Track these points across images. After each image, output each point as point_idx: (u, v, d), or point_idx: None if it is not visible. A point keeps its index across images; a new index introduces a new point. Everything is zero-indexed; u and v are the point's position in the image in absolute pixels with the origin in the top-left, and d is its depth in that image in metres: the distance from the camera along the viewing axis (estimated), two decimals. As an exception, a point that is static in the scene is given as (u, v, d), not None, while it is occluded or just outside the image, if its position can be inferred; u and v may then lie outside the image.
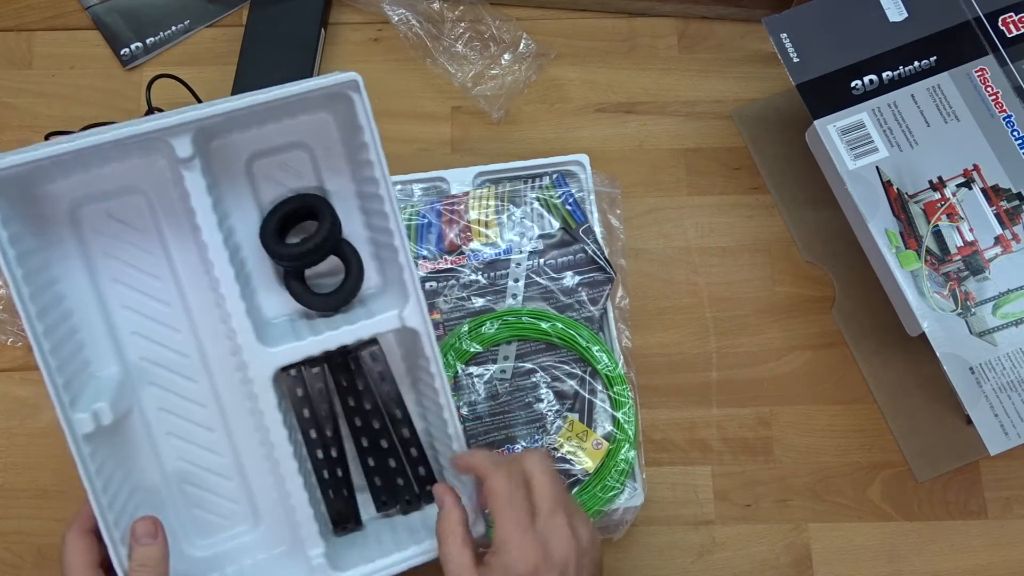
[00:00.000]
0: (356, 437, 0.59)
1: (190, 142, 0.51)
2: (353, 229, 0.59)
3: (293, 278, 0.57)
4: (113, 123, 0.70)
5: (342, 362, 0.58)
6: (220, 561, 0.57)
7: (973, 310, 0.60)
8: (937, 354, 0.60)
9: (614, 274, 0.68)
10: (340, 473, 0.58)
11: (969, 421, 0.59)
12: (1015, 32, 0.64)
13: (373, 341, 0.58)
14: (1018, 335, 0.60)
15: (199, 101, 0.72)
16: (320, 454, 0.57)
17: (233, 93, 0.72)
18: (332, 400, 0.58)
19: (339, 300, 0.57)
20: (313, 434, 0.57)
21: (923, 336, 0.60)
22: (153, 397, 0.57)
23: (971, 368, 0.60)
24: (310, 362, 0.57)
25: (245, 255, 0.57)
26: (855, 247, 0.66)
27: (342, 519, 0.58)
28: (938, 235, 0.62)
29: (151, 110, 0.69)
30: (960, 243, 0.61)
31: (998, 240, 0.61)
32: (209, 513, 0.58)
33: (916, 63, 0.64)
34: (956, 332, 0.60)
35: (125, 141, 0.50)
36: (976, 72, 0.64)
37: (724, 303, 0.71)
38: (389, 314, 0.55)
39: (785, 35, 0.65)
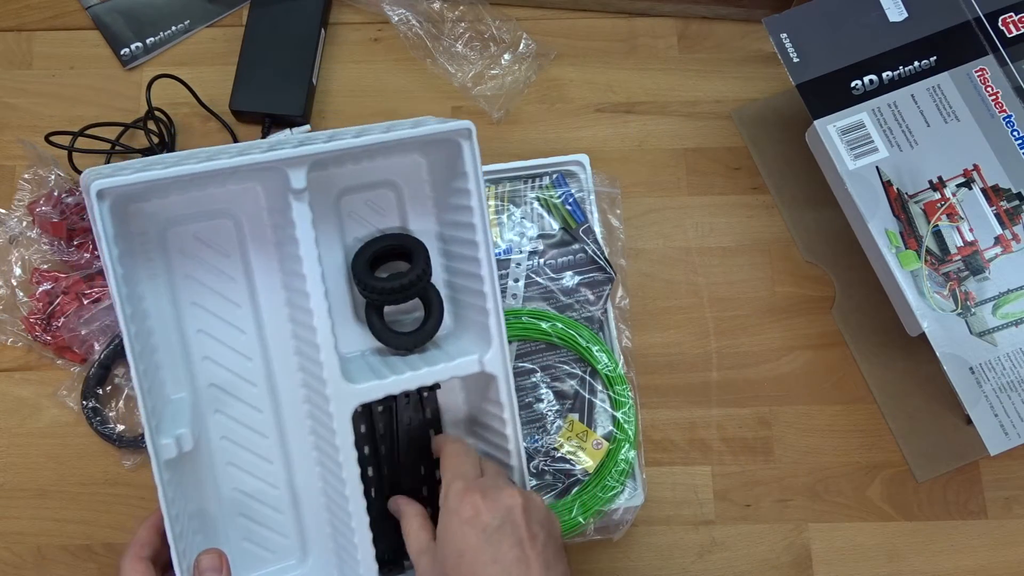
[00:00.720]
0: (393, 477, 0.59)
1: (305, 175, 0.51)
2: (434, 271, 0.59)
3: (375, 314, 0.57)
4: (113, 123, 0.71)
5: (405, 408, 0.58)
6: None
7: (973, 310, 0.60)
8: (937, 354, 0.60)
9: (614, 274, 0.68)
10: (387, 518, 0.57)
11: (969, 421, 0.59)
12: (1015, 32, 0.64)
13: (435, 385, 0.58)
14: (1018, 335, 0.60)
15: (199, 101, 0.72)
16: (373, 493, 0.57)
17: (233, 93, 0.72)
18: (395, 439, 0.58)
19: (418, 340, 0.57)
20: (371, 471, 0.57)
21: (923, 336, 0.60)
22: (218, 425, 0.56)
23: (971, 368, 0.60)
24: (379, 402, 0.57)
25: (329, 289, 0.57)
26: (855, 247, 0.66)
27: (388, 561, 0.58)
28: (938, 235, 0.62)
29: (151, 111, 0.69)
30: (960, 243, 0.61)
31: (998, 240, 0.61)
32: (258, 546, 0.57)
33: (916, 63, 0.64)
34: (956, 332, 0.60)
35: (245, 169, 0.50)
36: (976, 72, 0.64)
37: (724, 303, 0.71)
38: (469, 358, 0.55)
39: (785, 35, 0.65)
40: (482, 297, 0.55)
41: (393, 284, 0.55)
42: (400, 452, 0.58)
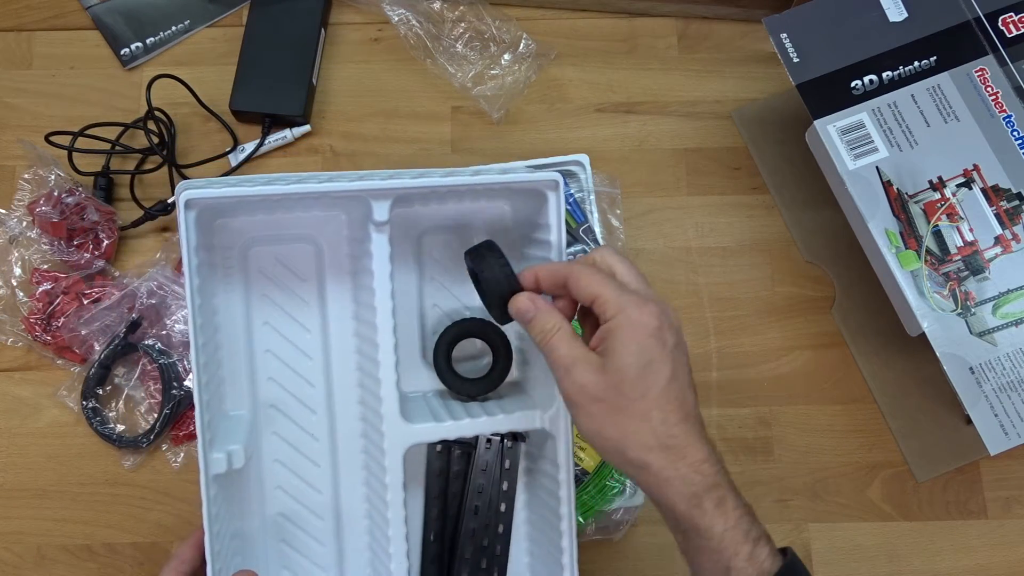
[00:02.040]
0: (466, 535, 0.57)
1: (388, 208, 0.51)
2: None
3: (444, 360, 0.57)
4: (113, 123, 0.71)
5: (486, 452, 0.57)
6: None
7: (973, 310, 0.60)
8: (937, 354, 0.60)
9: (614, 274, 0.68)
10: (447, 560, 0.56)
11: (969, 421, 0.59)
12: (1015, 32, 0.64)
13: (522, 435, 0.57)
14: (1018, 335, 0.60)
15: (199, 101, 0.72)
16: (432, 536, 0.56)
17: (233, 93, 0.72)
18: (466, 484, 0.57)
19: (482, 389, 0.57)
20: (435, 513, 0.56)
21: (923, 336, 0.60)
22: (272, 447, 0.56)
23: (971, 368, 0.60)
24: (458, 443, 0.56)
25: (397, 325, 0.56)
26: (855, 247, 0.66)
27: None
28: (938, 235, 0.62)
29: (151, 111, 0.69)
30: (960, 243, 0.61)
31: (998, 240, 0.61)
32: (295, 575, 0.57)
33: (916, 63, 0.64)
34: (956, 332, 0.60)
35: (330, 195, 0.50)
36: (976, 72, 0.64)
37: (724, 303, 0.71)
38: (530, 413, 0.54)
39: (785, 35, 0.65)
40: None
41: (473, 388, 0.56)
42: (469, 499, 0.57)
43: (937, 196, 0.62)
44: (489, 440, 0.56)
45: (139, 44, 0.75)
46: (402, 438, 0.53)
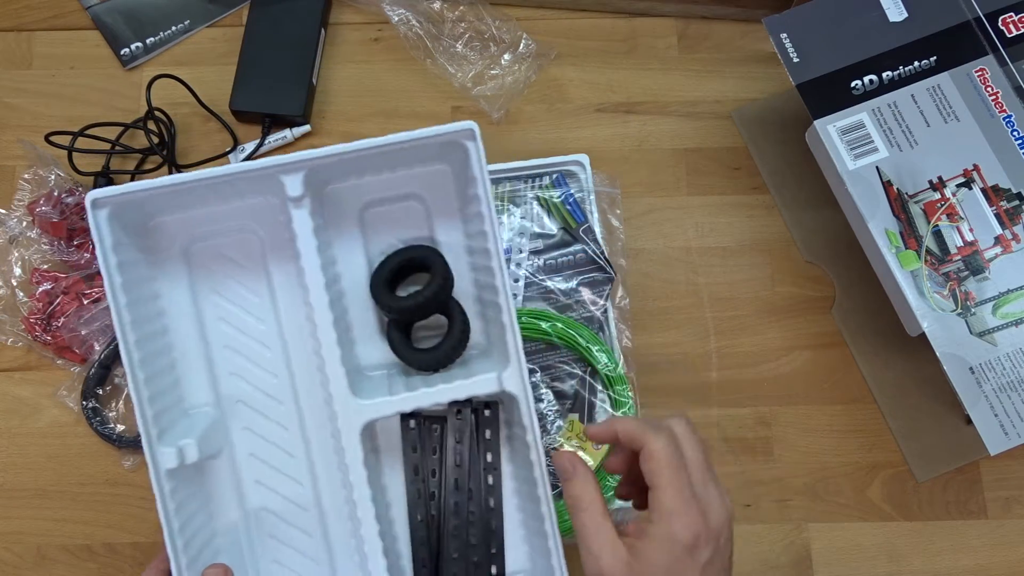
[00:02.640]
0: (448, 509, 0.56)
1: (301, 182, 0.50)
2: (462, 286, 0.57)
3: (396, 331, 0.56)
4: (113, 123, 0.71)
5: (458, 423, 0.56)
6: None
7: (973, 310, 0.60)
8: (937, 354, 0.60)
9: (614, 274, 0.68)
10: (435, 539, 0.55)
11: (969, 421, 0.59)
12: (1015, 32, 0.64)
13: (494, 403, 0.56)
14: (1018, 335, 0.60)
15: (199, 101, 0.72)
16: (419, 516, 0.55)
17: (233, 93, 0.72)
18: (444, 460, 0.56)
19: (437, 358, 0.55)
20: (415, 491, 0.55)
21: (923, 336, 0.60)
22: (245, 442, 0.56)
23: (971, 368, 0.60)
24: (431, 417, 0.55)
25: (349, 302, 0.56)
26: (855, 247, 0.66)
27: None
28: (938, 235, 0.62)
29: (151, 111, 0.69)
30: (960, 243, 0.61)
31: (998, 240, 0.61)
32: (289, 569, 0.56)
33: (916, 63, 0.64)
34: (956, 332, 0.60)
35: (237, 177, 0.50)
36: (976, 72, 0.64)
37: (724, 303, 0.71)
38: (488, 376, 0.52)
39: (785, 35, 0.65)
40: (498, 310, 0.52)
41: (408, 303, 0.54)
42: (447, 473, 0.55)
43: (937, 196, 0.62)
44: (459, 411, 0.55)
45: (139, 44, 0.75)
46: (355, 415, 0.52)
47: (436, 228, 0.57)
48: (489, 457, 0.56)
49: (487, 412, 0.56)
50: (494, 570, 0.55)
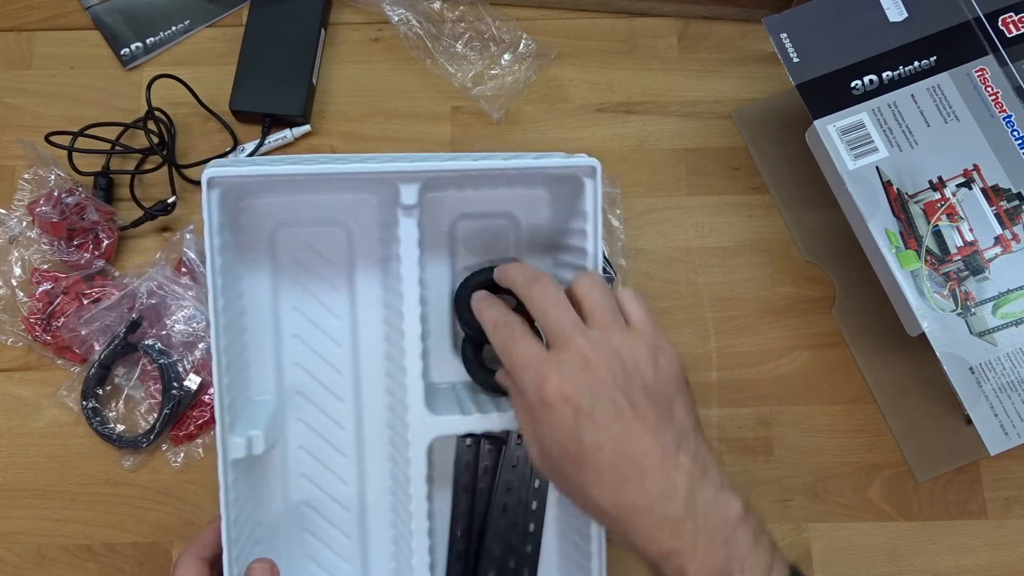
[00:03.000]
0: (494, 534, 0.56)
1: (417, 192, 0.50)
2: None
3: (471, 348, 0.55)
4: (113, 123, 0.71)
5: (517, 448, 0.55)
6: None
7: (973, 310, 0.60)
8: (937, 354, 0.60)
9: (614, 274, 0.68)
10: (473, 559, 0.55)
11: (969, 421, 0.59)
12: (1015, 32, 0.64)
13: None
14: (1018, 335, 0.60)
15: (199, 101, 0.72)
16: (459, 532, 0.55)
17: (233, 93, 0.72)
18: (495, 480, 0.55)
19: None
20: (462, 508, 0.55)
21: (923, 336, 0.60)
22: (297, 434, 0.55)
23: (971, 368, 0.60)
24: (489, 437, 0.55)
25: (427, 314, 0.56)
26: (855, 247, 0.66)
27: None
28: (938, 235, 0.62)
29: (151, 111, 0.69)
30: (960, 243, 0.61)
31: (998, 240, 0.61)
32: (319, 566, 0.56)
33: (916, 63, 0.64)
34: (956, 332, 0.60)
35: (355, 176, 0.49)
36: (976, 72, 0.64)
37: (724, 303, 0.71)
38: None
39: (785, 35, 0.65)
40: None
41: (494, 381, 0.53)
42: (498, 495, 0.55)
43: (937, 196, 0.62)
44: (520, 436, 0.54)
45: (139, 44, 0.75)
46: (427, 430, 0.51)
47: (524, 251, 0.57)
48: (537, 483, 0.55)
49: None
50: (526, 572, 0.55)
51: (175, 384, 0.65)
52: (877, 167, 0.63)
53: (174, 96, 0.72)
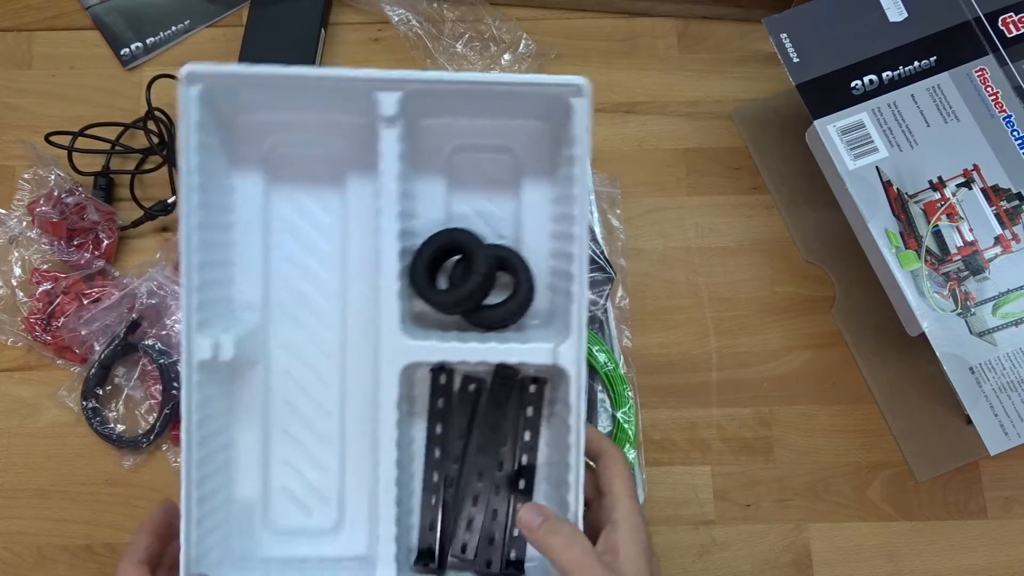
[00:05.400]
0: (470, 472, 0.54)
1: (397, 102, 0.49)
2: (539, 247, 0.55)
3: (424, 280, 0.54)
4: (113, 123, 0.71)
5: (501, 388, 0.54)
6: (289, 545, 0.54)
7: (973, 310, 0.60)
8: (937, 354, 0.60)
9: (614, 274, 0.68)
10: (446, 505, 0.53)
11: (969, 421, 0.59)
12: (1015, 32, 0.64)
13: (542, 380, 0.54)
14: (1018, 335, 0.60)
15: (199, 101, 0.72)
16: (436, 477, 0.53)
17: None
18: (472, 427, 0.54)
19: (494, 316, 0.53)
20: (438, 453, 0.54)
21: (923, 336, 0.60)
22: (281, 360, 0.54)
23: (971, 368, 0.60)
24: (469, 379, 0.54)
25: (415, 232, 0.54)
26: (855, 247, 0.66)
27: (427, 555, 0.53)
28: (938, 235, 0.62)
29: (151, 111, 0.69)
30: (960, 243, 0.61)
31: (998, 240, 0.61)
32: (293, 494, 0.55)
33: (916, 63, 0.64)
34: (956, 332, 0.60)
35: (333, 82, 0.49)
36: (976, 72, 0.64)
37: (724, 303, 0.71)
38: (543, 346, 0.50)
39: (785, 35, 0.65)
40: (569, 279, 0.49)
41: (447, 297, 0.52)
42: (477, 439, 0.54)
43: (937, 196, 0.62)
44: (506, 376, 0.53)
45: (139, 44, 0.75)
46: (398, 353, 0.50)
47: (523, 186, 0.55)
48: (528, 436, 0.53)
49: (532, 388, 0.54)
50: (513, 554, 0.53)
51: (175, 384, 0.65)
52: (877, 167, 0.63)
53: (174, 96, 0.71)
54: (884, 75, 0.64)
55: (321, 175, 0.55)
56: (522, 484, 0.53)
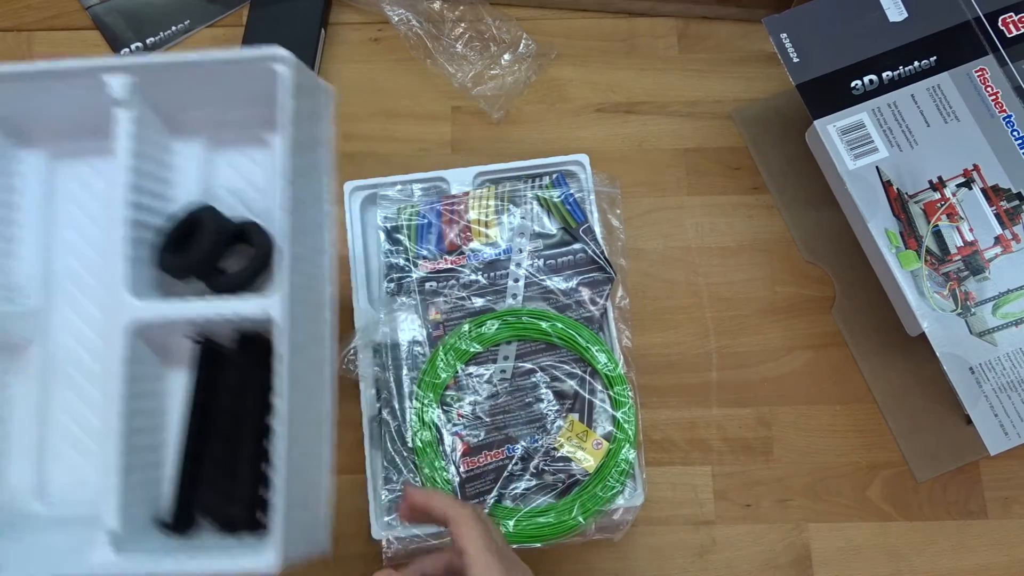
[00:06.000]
0: (210, 434, 0.56)
1: (127, 87, 0.52)
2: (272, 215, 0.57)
3: (171, 258, 0.56)
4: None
5: (244, 354, 0.55)
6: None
7: (973, 310, 0.60)
8: (937, 354, 0.60)
9: (614, 274, 0.68)
10: (187, 468, 0.55)
11: (969, 421, 0.59)
12: (1015, 32, 0.64)
13: (264, 335, 0.54)
14: (1018, 335, 0.60)
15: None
16: (189, 444, 0.55)
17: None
18: (220, 393, 0.55)
19: (227, 281, 0.55)
20: (193, 422, 0.55)
21: (923, 336, 0.60)
22: (61, 328, 0.58)
23: (971, 368, 0.60)
24: (220, 347, 0.56)
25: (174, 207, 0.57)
26: (855, 247, 0.66)
27: (168, 516, 0.54)
28: (938, 235, 0.62)
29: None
30: (960, 243, 0.61)
31: (998, 240, 0.61)
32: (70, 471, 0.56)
33: (916, 63, 0.64)
34: (956, 332, 0.60)
35: (59, 73, 0.52)
36: (976, 72, 0.64)
37: (724, 303, 0.71)
38: (252, 299, 0.51)
39: (785, 35, 0.65)
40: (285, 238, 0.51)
41: (180, 262, 0.55)
42: (225, 401, 0.56)
43: (937, 196, 0.62)
44: (243, 340, 0.55)
45: (139, 44, 0.75)
46: (121, 311, 0.52)
47: (263, 158, 0.59)
48: (270, 400, 0.53)
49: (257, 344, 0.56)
50: (257, 515, 0.54)
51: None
52: (877, 167, 0.63)
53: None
54: (884, 75, 0.64)
55: (83, 150, 0.59)
56: (265, 445, 0.53)
